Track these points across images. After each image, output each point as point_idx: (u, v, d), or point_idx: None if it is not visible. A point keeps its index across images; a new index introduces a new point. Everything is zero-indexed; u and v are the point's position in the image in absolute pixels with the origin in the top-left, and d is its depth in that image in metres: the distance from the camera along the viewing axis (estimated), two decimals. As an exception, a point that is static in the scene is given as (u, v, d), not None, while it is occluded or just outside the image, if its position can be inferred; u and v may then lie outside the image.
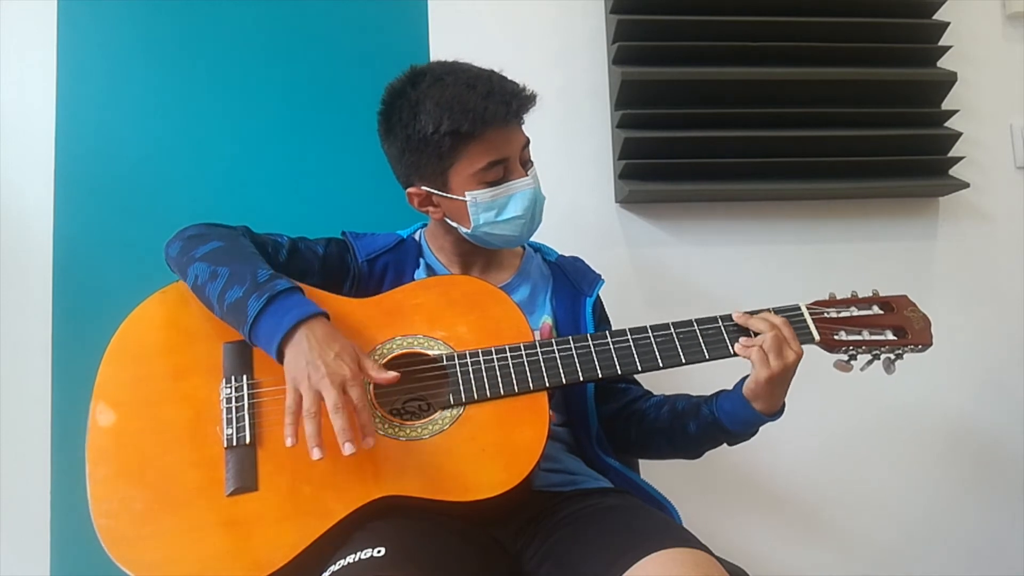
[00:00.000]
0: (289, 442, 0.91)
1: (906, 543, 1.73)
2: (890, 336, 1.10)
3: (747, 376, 1.07)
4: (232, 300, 0.98)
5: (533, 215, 1.15)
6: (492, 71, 1.12)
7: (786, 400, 1.07)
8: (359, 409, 0.92)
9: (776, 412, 1.07)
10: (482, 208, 1.11)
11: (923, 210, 1.82)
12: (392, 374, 0.96)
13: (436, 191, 1.13)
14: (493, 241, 1.16)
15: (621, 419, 1.22)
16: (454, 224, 1.16)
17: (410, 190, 1.16)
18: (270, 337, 0.96)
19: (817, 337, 1.07)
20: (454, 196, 1.11)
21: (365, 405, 0.93)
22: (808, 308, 1.10)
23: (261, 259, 1.06)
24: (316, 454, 0.90)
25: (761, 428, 1.10)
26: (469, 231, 1.14)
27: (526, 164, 1.14)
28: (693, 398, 1.16)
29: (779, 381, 1.03)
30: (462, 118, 1.05)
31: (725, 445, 1.14)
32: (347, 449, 0.89)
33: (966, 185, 1.74)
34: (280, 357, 0.96)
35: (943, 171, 1.76)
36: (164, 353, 1.04)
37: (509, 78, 1.11)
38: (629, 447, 1.22)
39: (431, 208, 1.16)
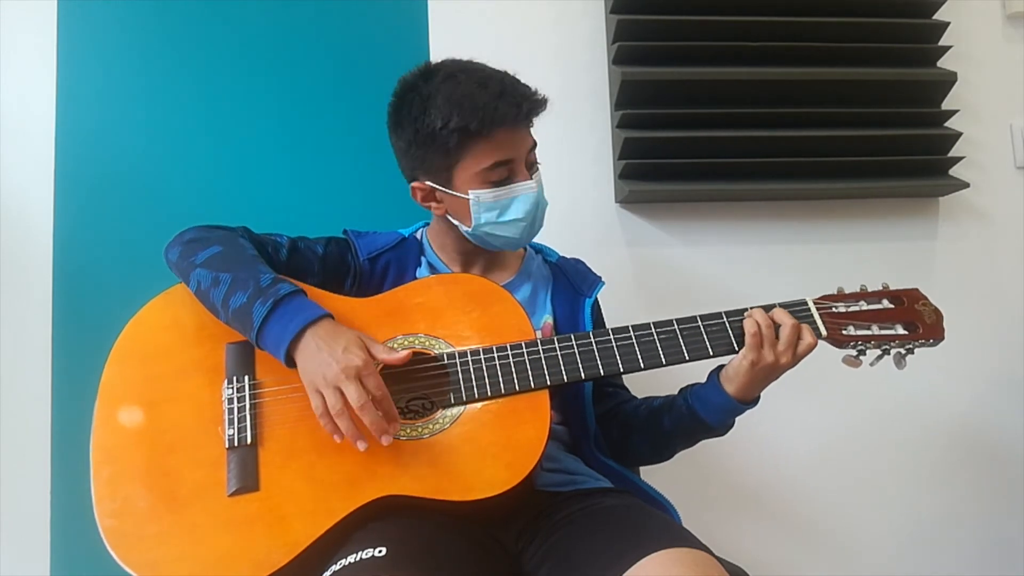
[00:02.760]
0: (337, 439, 0.94)
1: (906, 543, 1.73)
2: (900, 330, 1.08)
3: (723, 365, 1.08)
4: (236, 306, 0.99)
5: (535, 219, 1.15)
6: (505, 72, 1.11)
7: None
8: (380, 398, 0.93)
9: (750, 401, 1.07)
10: (484, 208, 1.11)
11: (923, 210, 1.82)
12: (403, 354, 0.97)
13: (440, 187, 1.13)
14: (493, 242, 1.16)
15: (605, 421, 1.22)
16: (455, 222, 1.16)
17: (414, 184, 1.16)
18: (278, 343, 0.97)
19: (824, 332, 1.06)
20: (457, 193, 1.11)
21: (385, 392, 0.94)
22: (815, 303, 1.09)
23: (262, 261, 1.06)
24: (361, 446, 0.93)
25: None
26: (470, 230, 1.14)
27: (531, 167, 1.14)
28: (670, 395, 1.16)
29: (760, 372, 1.03)
30: (471, 116, 1.05)
31: (718, 442, 1.14)
32: (385, 441, 0.93)
33: (966, 185, 1.75)
34: (290, 363, 0.97)
35: (943, 171, 1.76)
36: (168, 354, 1.04)
37: (522, 81, 1.11)
38: (612, 450, 1.22)
39: (434, 204, 1.16)
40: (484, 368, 1.02)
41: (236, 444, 0.97)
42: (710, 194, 1.72)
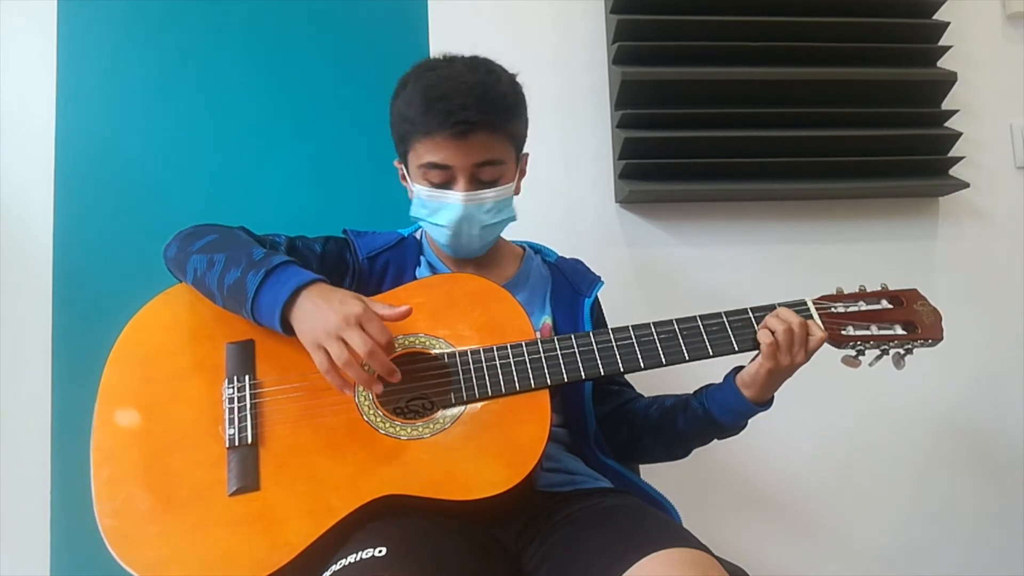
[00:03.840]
0: (348, 392, 0.97)
1: (906, 543, 1.73)
2: (899, 331, 1.08)
3: (738, 368, 1.08)
4: (231, 282, 1.00)
5: (459, 233, 1.14)
6: (479, 81, 1.09)
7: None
8: (385, 345, 0.95)
9: (766, 403, 1.08)
10: (419, 203, 1.15)
11: (923, 210, 1.82)
12: (404, 308, 0.99)
13: (404, 170, 1.19)
14: (432, 236, 1.19)
15: (612, 421, 1.22)
16: None
17: (395, 162, 1.22)
18: (272, 308, 0.97)
19: (823, 333, 1.06)
20: (411, 180, 1.17)
21: (390, 337, 0.96)
22: (815, 303, 1.09)
23: (256, 244, 1.07)
24: (378, 388, 0.97)
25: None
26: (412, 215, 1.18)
27: (481, 183, 1.11)
28: (681, 395, 1.17)
29: (778, 376, 1.04)
30: (414, 113, 1.09)
31: (718, 443, 1.15)
32: (396, 376, 0.96)
33: (966, 185, 1.75)
34: (285, 328, 0.98)
35: (943, 171, 1.76)
36: (168, 354, 1.04)
37: (489, 95, 1.08)
38: (621, 449, 1.22)
39: (406, 185, 1.21)
40: (484, 368, 1.02)
41: (236, 444, 0.97)
42: (710, 194, 1.72)
